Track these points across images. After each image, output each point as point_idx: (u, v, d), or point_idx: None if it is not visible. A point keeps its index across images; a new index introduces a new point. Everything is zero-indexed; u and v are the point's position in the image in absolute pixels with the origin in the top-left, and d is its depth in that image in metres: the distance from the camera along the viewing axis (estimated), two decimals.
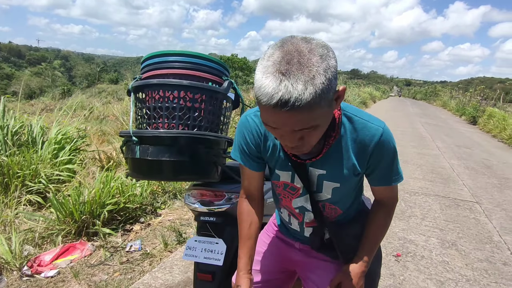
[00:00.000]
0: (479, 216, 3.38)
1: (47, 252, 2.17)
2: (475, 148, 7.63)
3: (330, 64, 0.61)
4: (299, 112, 0.60)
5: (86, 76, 56.08)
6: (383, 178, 0.88)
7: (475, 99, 17.45)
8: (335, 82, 0.62)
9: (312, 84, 0.58)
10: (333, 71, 0.61)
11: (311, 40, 0.63)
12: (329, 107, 0.65)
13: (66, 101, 11.67)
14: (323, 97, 0.60)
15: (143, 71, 1.18)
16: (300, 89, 0.57)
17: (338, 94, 0.67)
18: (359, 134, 0.81)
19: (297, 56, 0.59)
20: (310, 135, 0.68)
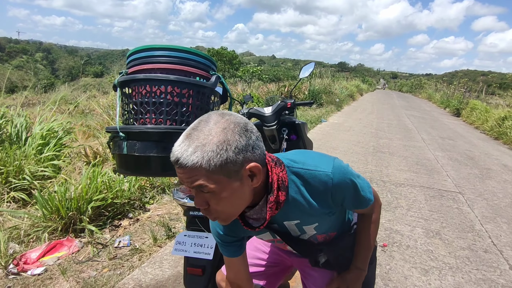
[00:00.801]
0: (462, 206, 3.48)
1: (33, 250, 2.14)
2: (458, 139, 7.82)
3: (230, 139, 0.67)
4: (189, 171, 0.67)
5: (70, 69, 54.69)
6: (354, 206, 0.92)
7: (459, 91, 17.83)
8: (236, 157, 0.68)
9: (201, 150, 0.65)
10: (232, 146, 0.67)
11: (226, 116, 0.71)
12: (230, 178, 0.69)
13: (49, 95, 11.39)
14: (214, 165, 0.66)
15: (129, 65, 1.16)
16: (189, 152, 0.66)
17: (252, 168, 0.71)
18: (312, 188, 0.83)
19: (203, 125, 0.69)
20: (213, 201, 0.73)
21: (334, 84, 14.95)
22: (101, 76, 39.18)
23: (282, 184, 0.80)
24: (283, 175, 0.81)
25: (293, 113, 2.35)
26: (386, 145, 6.35)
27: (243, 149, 0.68)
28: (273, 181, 0.80)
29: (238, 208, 0.77)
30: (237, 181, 0.71)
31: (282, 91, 10.48)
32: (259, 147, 0.74)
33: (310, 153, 0.89)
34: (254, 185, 0.74)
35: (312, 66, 2.44)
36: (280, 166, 0.81)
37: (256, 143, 0.72)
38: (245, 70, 21.38)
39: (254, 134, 0.72)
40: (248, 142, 0.70)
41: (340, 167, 0.83)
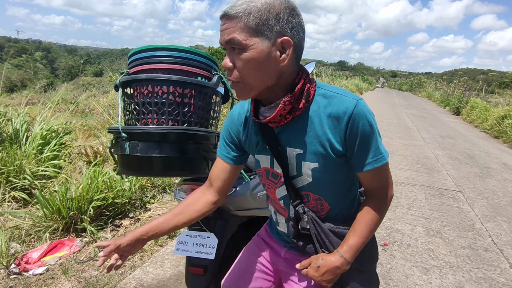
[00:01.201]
0: (462, 204, 3.49)
1: (34, 249, 2.14)
2: (458, 138, 7.82)
3: (275, 5, 0.71)
4: (228, 20, 0.72)
5: (70, 69, 54.64)
6: (364, 158, 0.82)
7: (458, 90, 17.82)
8: (274, 23, 0.71)
9: (247, 4, 0.70)
10: (275, 12, 0.71)
11: None
12: (262, 41, 0.72)
13: (49, 94, 11.36)
14: (252, 20, 0.70)
15: (131, 65, 1.16)
16: (238, 3, 0.71)
17: (284, 41, 0.73)
18: (333, 108, 0.79)
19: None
20: (239, 62, 0.74)
21: (334, 83, 14.94)
22: (100, 75, 39.14)
23: (306, 94, 0.80)
24: (311, 89, 0.81)
25: None
26: (386, 144, 6.35)
27: (284, 21, 0.72)
28: (299, 82, 0.79)
29: (260, 81, 0.76)
30: (267, 46, 0.72)
31: None
32: (299, 33, 0.75)
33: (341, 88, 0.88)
34: (281, 62, 0.75)
35: (313, 65, 2.44)
36: (313, 82, 0.82)
37: (297, 27, 0.75)
38: None
39: (299, 18, 0.75)
40: (289, 19, 0.73)
41: (366, 106, 0.81)
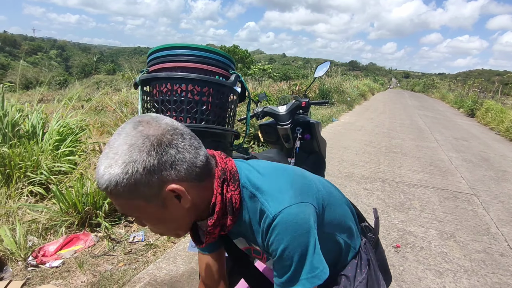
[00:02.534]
0: (477, 208, 3.43)
1: (51, 243, 2.19)
2: (473, 140, 7.67)
3: (136, 159, 0.57)
4: (106, 194, 0.60)
5: (83, 66, 55.58)
6: (276, 272, 0.70)
7: (473, 91, 17.48)
8: (148, 179, 0.58)
9: (108, 173, 0.57)
10: (140, 168, 0.57)
11: (140, 126, 0.60)
12: (149, 202, 0.61)
13: (63, 92, 11.61)
14: (124, 191, 0.58)
15: (150, 64, 1.18)
16: (100, 173, 0.59)
17: (173, 189, 0.61)
18: (257, 218, 0.69)
19: (115, 138, 0.60)
20: (147, 223, 0.67)
21: (345, 83, 14.83)
22: (113, 73, 39.71)
23: (230, 206, 0.68)
24: (234, 195, 0.69)
25: (307, 112, 2.35)
26: (399, 145, 6.28)
27: (156, 169, 0.58)
28: (216, 203, 0.68)
29: (179, 227, 0.69)
30: (160, 204, 0.62)
31: (293, 89, 10.44)
32: (184, 161, 0.61)
33: (279, 178, 0.71)
34: (184, 205, 0.64)
35: (327, 65, 2.44)
36: (233, 184, 0.69)
37: (178, 158, 0.60)
38: (256, 68, 21.39)
39: (174, 147, 0.60)
40: (162, 160, 0.59)
41: (289, 218, 0.64)
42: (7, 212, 2.36)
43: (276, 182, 0.70)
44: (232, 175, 0.69)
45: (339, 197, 0.85)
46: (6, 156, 2.74)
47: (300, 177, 0.74)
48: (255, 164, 0.75)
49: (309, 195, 0.70)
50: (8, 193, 2.58)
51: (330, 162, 4.57)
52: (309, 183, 0.74)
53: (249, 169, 0.73)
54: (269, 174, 0.72)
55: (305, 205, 0.67)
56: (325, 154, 2.48)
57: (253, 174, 0.72)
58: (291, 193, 0.67)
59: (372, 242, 0.91)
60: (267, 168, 0.74)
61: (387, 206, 3.25)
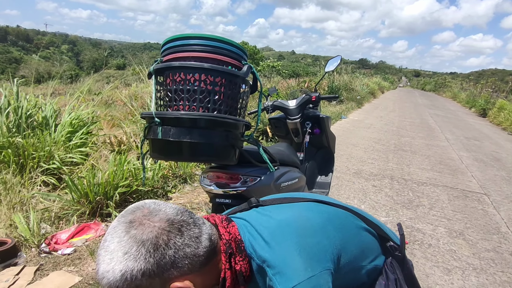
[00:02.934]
0: (487, 207, 3.39)
1: (63, 231, 2.24)
2: (484, 140, 7.56)
3: (133, 267, 0.56)
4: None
5: (94, 61, 56.20)
6: None
7: (486, 91, 17.18)
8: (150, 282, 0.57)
9: (107, 279, 0.56)
10: (138, 274, 0.56)
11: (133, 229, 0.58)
12: None
13: (74, 86, 11.75)
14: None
15: (164, 53, 1.19)
16: (99, 275, 0.57)
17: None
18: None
19: (109, 240, 0.58)
20: None
21: (354, 81, 14.71)
22: (123, 68, 40.09)
23: (240, 276, 0.67)
24: (243, 266, 0.67)
25: (317, 107, 2.35)
26: (408, 143, 6.22)
27: (155, 273, 0.57)
28: (226, 278, 0.66)
29: None
30: None
31: (302, 86, 10.41)
32: (186, 256, 0.60)
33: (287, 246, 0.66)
34: None
35: (338, 59, 2.43)
36: (240, 255, 0.67)
37: (180, 255, 0.59)
38: (265, 64, 21.35)
39: (172, 246, 0.58)
40: (161, 264, 0.57)
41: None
42: (21, 200, 2.41)
43: (282, 252, 0.65)
44: (238, 246, 0.67)
45: (354, 226, 0.81)
46: (20, 146, 2.80)
47: (309, 236, 0.69)
48: (258, 225, 0.71)
49: (320, 258, 0.66)
50: (22, 182, 2.64)
51: (339, 159, 4.56)
52: (319, 236, 0.70)
53: (253, 234, 0.70)
54: (275, 242, 0.67)
55: (317, 277, 0.63)
56: (334, 149, 2.48)
57: (258, 242, 0.68)
58: (301, 265, 0.63)
59: (398, 261, 0.87)
60: (272, 232, 0.69)
61: (395, 203, 3.23)
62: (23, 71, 32.99)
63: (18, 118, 3.15)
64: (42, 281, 1.78)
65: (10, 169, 2.63)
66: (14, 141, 2.80)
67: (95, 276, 1.83)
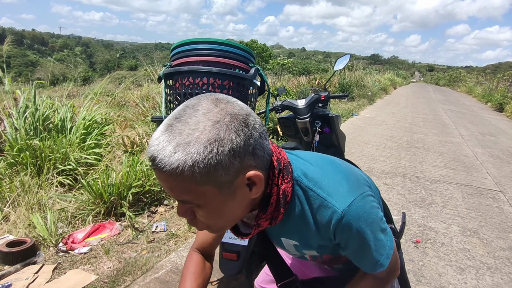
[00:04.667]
0: (503, 205, 3.32)
1: (79, 231, 2.31)
2: (500, 136, 7.38)
3: (224, 137, 0.50)
4: (167, 177, 0.51)
5: (106, 63, 57.14)
6: (358, 262, 0.72)
7: (503, 85, 16.73)
8: (230, 162, 0.51)
9: (184, 151, 0.49)
10: (226, 148, 0.50)
11: (221, 103, 0.54)
12: (221, 190, 0.54)
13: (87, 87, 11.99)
14: (200, 173, 0.50)
15: (173, 58, 1.22)
16: (168, 151, 0.49)
17: (250, 176, 0.56)
18: (316, 213, 0.66)
19: (189, 113, 0.52)
20: (200, 214, 0.58)
21: (366, 77, 14.54)
22: (135, 69, 40.66)
23: (283, 198, 0.64)
24: (287, 188, 0.64)
25: (326, 106, 2.35)
26: (421, 140, 6.13)
27: (241, 152, 0.52)
28: (272, 194, 0.64)
29: (233, 221, 0.63)
30: (230, 192, 0.55)
31: (313, 84, 10.36)
32: (263, 147, 0.57)
33: (334, 172, 0.68)
34: (253, 195, 0.59)
35: (347, 58, 2.42)
36: (287, 176, 0.64)
37: (259, 143, 0.55)
38: (275, 62, 21.29)
39: (257, 130, 0.55)
40: (247, 142, 0.53)
41: (358, 210, 0.63)
42: (39, 201, 2.50)
43: (333, 176, 0.66)
44: (285, 167, 0.65)
45: (376, 189, 0.85)
46: (37, 148, 2.89)
47: (350, 169, 0.73)
48: (304, 156, 0.72)
49: (365, 185, 0.70)
50: (39, 184, 2.73)
51: (350, 157, 4.53)
52: (358, 174, 0.73)
53: (300, 161, 0.69)
54: (324, 167, 0.69)
55: (366, 195, 0.66)
56: (345, 148, 2.47)
57: (307, 167, 0.68)
58: (351, 186, 0.65)
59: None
60: (318, 160, 0.70)
61: (407, 202, 3.20)
62: (38, 73, 33.80)
63: (36, 121, 3.25)
64: (60, 279, 1.84)
65: (28, 170, 2.72)
66: (31, 144, 2.89)
67: (110, 274, 1.88)
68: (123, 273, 1.90)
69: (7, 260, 1.93)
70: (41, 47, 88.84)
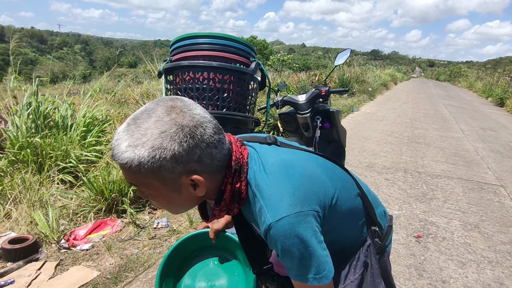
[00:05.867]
0: (503, 199, 3.32)
1: (81, 227, 2.31)
2: (501, 131, 7.37)
3: (166, 146, 0.58)
4: (120, 167, 0.61)
5: (106, 60, 57.00)
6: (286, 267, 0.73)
7: (503, 79, 16.67)
8: (173, 166, 0.59)
9: (133, 151, 0.58)
10: (168, 155, 0.58)
11: (173, 113, 0.60)
12: (165, 185, 0.62)
13: (87, 85, 11.98)
14: (145, 170, 0.59)
15: (173, 53, 1.21)
16: (122, 148, 0.59)
17: (193, 182, 0.64)
18: (257, 215, 0.70)
19: (144, 118, 0.59)
20: (153, 200, 0.68)
21: (366, 73, 14.49)
22: (134, 66, 40.58)
23: (237, 195, 0.71)
24: (242, 186, 0.70)
25: (327, 101, 2.34)
26: (422, 135, 6.12)
27: (184, 159, 0.60)
28: (225, 191, 0.70)
29: (182, 210, 0.72)
30: (174, 188, 0.64)
31: (313, 80, 10.33)
32: (211, 155, 0.63)
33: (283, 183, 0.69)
34: (199, 194, 0.66)
35: (348, 53, 2.41)
36: (242, 175, 0.70)
37: (207, 152, 0.62)
38: (275, 59, 21.22)
39: (204, 141, 0.61)
40: (191, 152, 0.60)
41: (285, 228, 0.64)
42: (40, 198, 2.50)
43: (278, 187, 0.68)
44: (242, 168, 0.70)
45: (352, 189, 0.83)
46: (38, 146, 2.89)
47: (308, 180, 0.72)
48: (266, 158, 0.74)
49: (312, 200, 0.69)
50: (41, 181, 2.73)
51: (351, 152, 4.53)
52: (316, 185, 0.72)
53: (257, 163, 0.73)
54: (275, 176, 0.70)
55: (304, 214, 0.66)
56: (345, 143, 2.47)
57: (260, 173, 0.71)
58: (291, 201, 0.66)
59: (377, 248, 0.88)
60: (276, 167, 0.72)
61: (408, 197, 3.20)
62: (38, 72, 33.72)
63: (37, 119, 3.24)
64: (63, 275, 1.85)
65: (29, 168, 2.72)
66: (32, 141, 2.89)
67: (112, 270, 1.89)
68: (125, 269, 1.91)
69: (9, 257, 1.93)
70: (40, 45, 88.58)
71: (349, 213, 0.80)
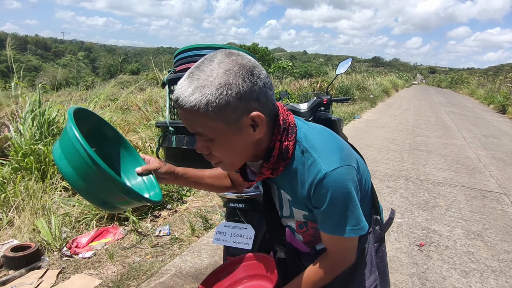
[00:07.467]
0: (506, 207, 3.30)
1: (83, 235, 2.32)
2: (503, 138, 7.36)
3: (232, 82, 0.62)
4: (187, 113, 0.64)
5: (109, 67, 57.42)
6: (322, 222, 0.78)
7: (505, 86, 16.68)
8: (237, 103, 0.63)
9: (200, 92, 0.61)
10: (233, 91, 0.62)
11: (233, 55, 0.65)
12: (229, 126, 0.65)
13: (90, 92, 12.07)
14: (212, 110, 0.62)
15: (177, 64, 1.23)
16: (188, 92, 0.62)
17: (254, 117, 0.66)
18: (307, 171, 0.74)
19: (206, 63, 0.64)
20: (213, 148, 0.70)
21: (367, 80, 14.54)
22: (137, 73, 40.87)
23: (285, 153, 0.74)
24: (289, 145, 0.74)
25: (329, 109, 2.35)
26: (424, 142, 6.12)
27: (246, 96, 0.63)
28: (274, 148, 0.74)
29: (240, 158, 0.74)
30: (236, 129, 0.67)
31: (315, 87, 10.38)
32: (267, 96, 0.68)
33: (331, 141, 0.77)
34: (256, 136, 0.69)
35: (349, 62, 2.43)
36: (291, 135, 0.74)
37: (263, 91, 0.66)
38: (276, 66, 21.33)
39: (261, 80, 0.66)
40: (252, 88, 0.64)
41: (339, 177, 0.71)
42: (43, 205, 2.51)
43: (329, 143, 0.76)
44: (291, 128, 0.75)
45: (368, 174, 0.90)
46: (41, 153, 2.91)
47: (347, 146, 0.81)
48: (311, 125, 0.81)
49: (353, 160, 0.77)
50: (44, 188, 2.74)
51: None
52: (352, 152, 0.82)
53: (306, 128, 0.79)
54: (325, 136, 0.78)
55: (352, 168, 0.74)
56: None
57: (310, 132, 0.78)
58: (341, 156, 0.73)
59: (376, 236, 0.92)
60: (321, 130, 0.80)
61: (410, 204, 3.20)
62: (41, 78, 34.01)
63: (40, 126, 3.27)
64: (65, 283, 1.85)
65: (32, 175, 2.74)
66: (35, 149, 2.91)
67: (114, 279, 1.89)
68: (127, 277, 1.91)
69: (11, 264, 1.94)
70: (44, 52, 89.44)
71: (364, 193, 0.85)
